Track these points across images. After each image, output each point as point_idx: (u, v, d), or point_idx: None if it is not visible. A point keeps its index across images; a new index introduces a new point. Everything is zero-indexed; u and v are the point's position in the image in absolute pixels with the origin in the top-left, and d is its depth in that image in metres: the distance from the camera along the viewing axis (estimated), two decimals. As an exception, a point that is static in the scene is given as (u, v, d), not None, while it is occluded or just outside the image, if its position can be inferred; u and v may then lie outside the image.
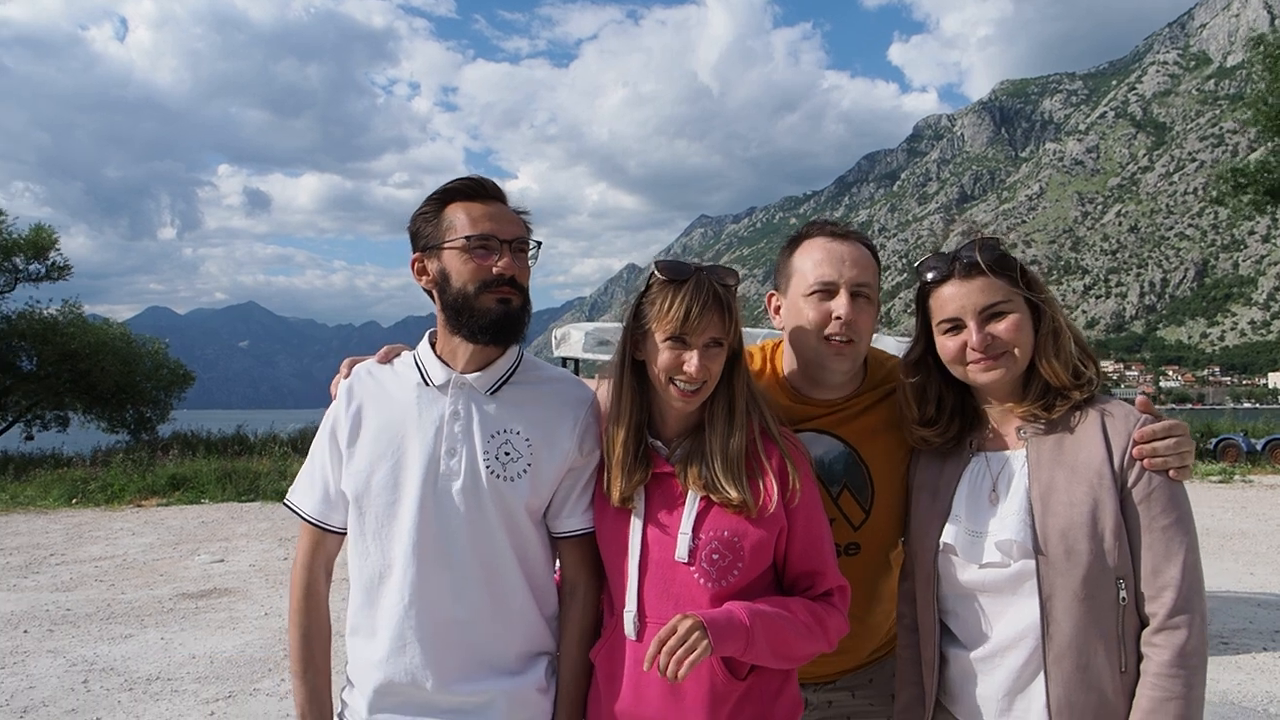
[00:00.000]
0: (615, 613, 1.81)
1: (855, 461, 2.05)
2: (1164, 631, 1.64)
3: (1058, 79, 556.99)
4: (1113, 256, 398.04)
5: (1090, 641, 1.67)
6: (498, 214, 1.79)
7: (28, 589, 8.80)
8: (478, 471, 1.78)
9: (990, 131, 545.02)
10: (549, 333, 9.23)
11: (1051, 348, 1.79)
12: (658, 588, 1.74)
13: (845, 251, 1.96)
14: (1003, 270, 1.79)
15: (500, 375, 1.85)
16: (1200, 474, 19.07)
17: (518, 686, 1.80)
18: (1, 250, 22.66)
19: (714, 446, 1.76)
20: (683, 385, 1.75)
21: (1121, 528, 1.67)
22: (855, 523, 2.06)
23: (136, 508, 15.20)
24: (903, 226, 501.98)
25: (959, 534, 1.83)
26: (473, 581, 1.77)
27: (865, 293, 1.96)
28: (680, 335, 1.73)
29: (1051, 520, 1.70)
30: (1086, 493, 1.69)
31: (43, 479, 16.75)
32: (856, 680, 2.17)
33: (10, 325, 23.12)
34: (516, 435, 1.82)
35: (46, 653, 6.60)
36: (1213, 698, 5.48)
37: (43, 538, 11.97)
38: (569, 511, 1.87)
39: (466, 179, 1.82)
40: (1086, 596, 1.67)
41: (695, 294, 1.73)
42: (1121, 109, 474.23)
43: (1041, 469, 1.75)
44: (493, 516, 1.78)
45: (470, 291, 1.76)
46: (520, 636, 1.83)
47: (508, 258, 1.76)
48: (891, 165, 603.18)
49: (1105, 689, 1.67)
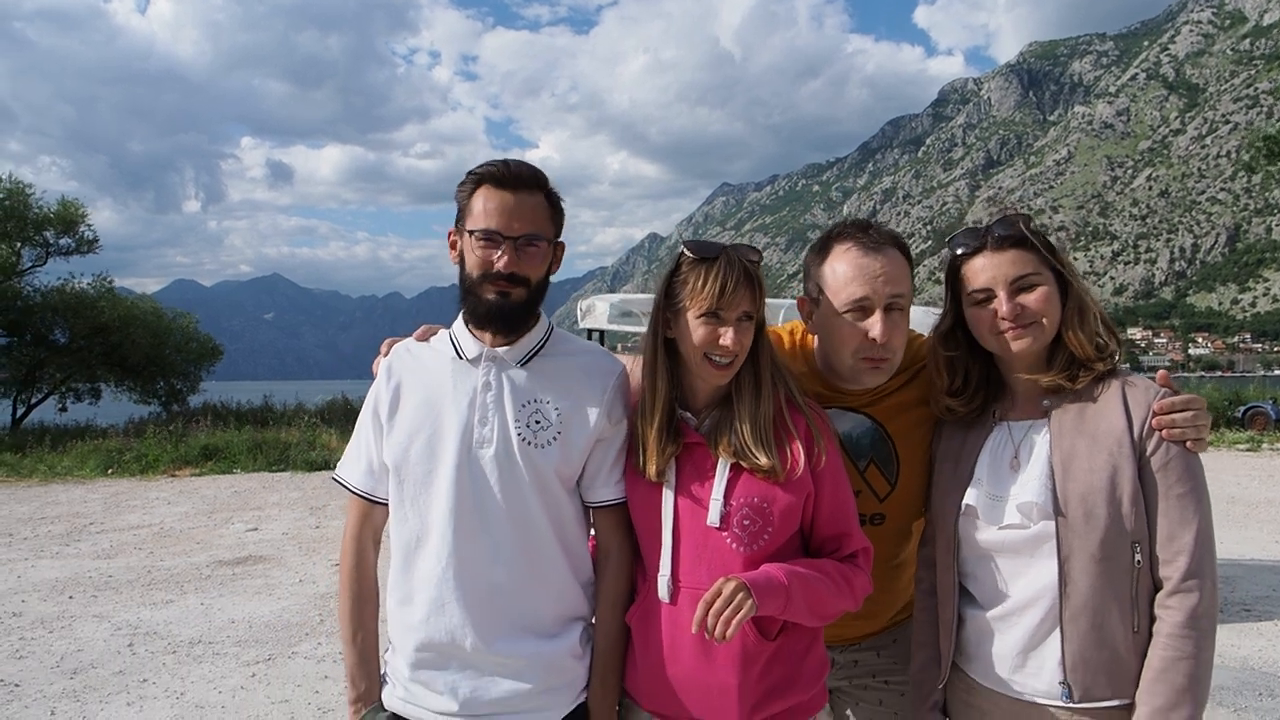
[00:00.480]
0: (648, 578, 1.89)
1: (882, 437, 2.12)
2: (1178, 594, 1.71)
3: (1087, 40, 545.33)
4: (1142, 222, 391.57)
5: (1105, 602, 1.75)
6: (513, 207, 1.82)
7: (70, 556, 9.07)
8: (509, 439, 1.86)
9: (1018, 95, 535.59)
10: (572, 302, 9.27)
11: (1077, 319, 1.86)
12: (692, 553, 1.82)
13: (878, 267, 1.94)
14: (1032, 243, 1.86)
15: (530, 348, 1.93)
16: (1228, 442, 18.94)
17: (554, 649, 1.88)
18: (33, 224, 22.97)
19: (742, 415, 1.83)
20: (718, 359, 1.82)
21: (1139, 494, 1.74)
22: (881, 495, 2.14)
23: (171, 477, 15.54)
24: (927, 193, 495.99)
25: (980, 497, 1.90)
26: (508, 545, 1.85)
27: (899, 304, 1.97)
28: (715, 310, 1.80)
29: (1072, 485, 1.77)
30: (1106, 460, 1.76)
31: (79, 450, 17.13)
32: (881, 641, 2.27)
33: (44, 299, 23.49)
34: (546, 404, 1.89)
35: (92, 617, 6.84)
36: (1233, 663, 5.54)
37: (82, 507, 12.30)
38: (603, 482, 1.94)
39: (499, 164, 1.86)
40: (1103, 558, 1.74)
41: (729, 271, 1.80)
42: (1153, 70, 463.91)
43: (1064, 437, 1.82)
44: (525, 482, 1.86)
45: (475, 279, 1.84)
46: (555, 600, 1.91)
47: (509, 255, 1.81)
48: (916, 131, 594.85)
49: (1118, 647, 1.75)
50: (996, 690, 1.89)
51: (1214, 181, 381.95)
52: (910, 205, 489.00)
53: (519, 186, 1.84)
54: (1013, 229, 1.86)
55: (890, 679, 2.25)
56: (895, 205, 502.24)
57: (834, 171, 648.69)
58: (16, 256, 22.87)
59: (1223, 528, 9.97)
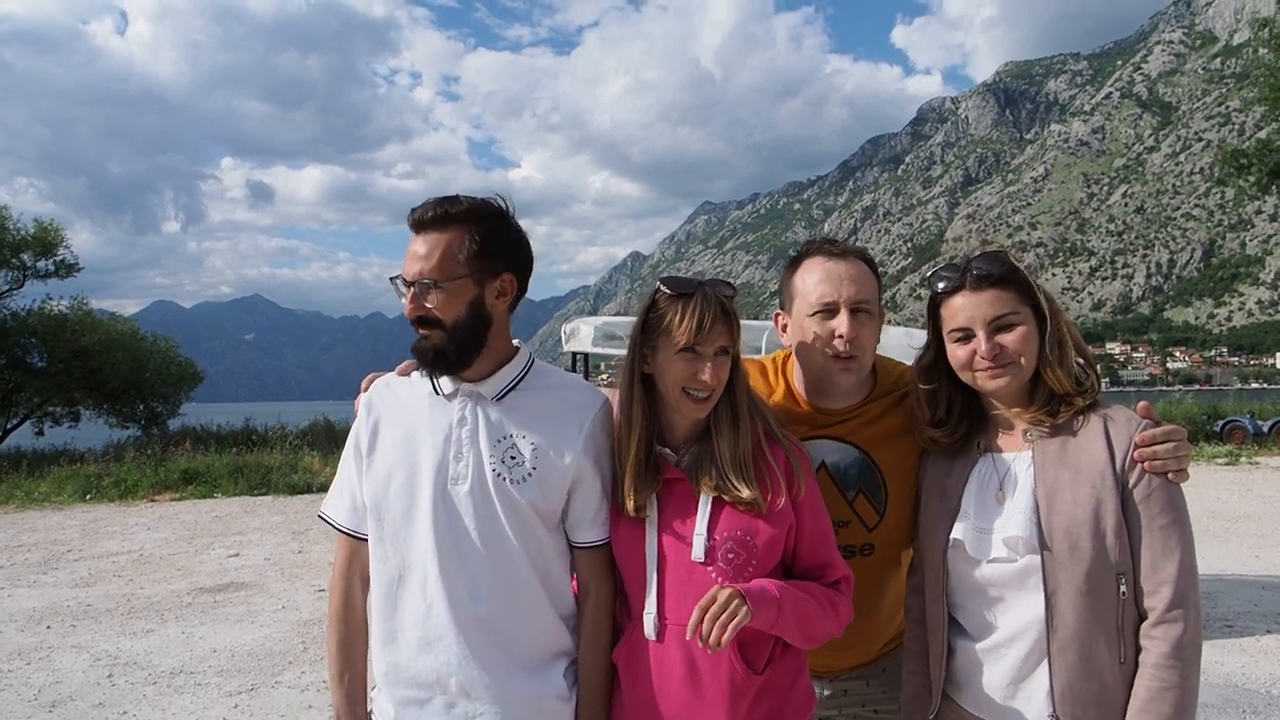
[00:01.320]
0: (633, 616, 1.89)
1: (869, 466, 2.14)
2: (1162, 625, 1.73)
3: (1062, 59, 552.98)
4: (1119, 238, 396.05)
5: (1092, 633, 1.77)
6: (415, 252, 1.83)
7: (48, 585, 8.93)
8: (484, 475, 1.85)
9: (995, 114, 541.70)
10: (556, 321, 9.28)
11: (1056, 356, 1.88)
12: (677, 589, 1.82)
13: (843, 270, 2.05)
14: (1012, 282, 1.88)
15: (507, 382, 1.92)
16: (1206, 456, 19.09)
17: (540, 688, 1.87)
18: (10, 247, 22.76)
19: (722, 449, 1.84)
20: (696, 394, 1.83)
21: (1122, 526, 1.77)
22: (870, 524, 2.16)
23: (150, 503, 15.35)
24: (907, 210, 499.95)
25: (968, 530, 1.92)
26: (488, 582, 1.84)
27: (865, 308, 2.05)
28: (693, 346, 1.81)
29: (1056, 518, 1.79)
30: (1090, 493, 1.78)
31: (56, 475, 16.87)
32: (870, 671, 2.28)
33: (20, 322, 23.25)
34: (522, 440, 1.88)
35: (70, 648, 6.73)
36: (1216, 680, 5.57)
37: (59, 534, 12.12)
38: (589, 523, 1.93)
39: (420, 206, 1.85)
40: (1089, 590, 1.76)
41: (705, 306, 1.82)
42: (1127, 89, 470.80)
43: (1047, 470, 1.85)
44: (501, 518, 1.85)
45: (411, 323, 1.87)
46: (539, 635, 1.90)
47: (411, 300, 1.83)
48: (895, 149, 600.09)
49: (1105, 678, 1.77)
50: None
51: (1188, 198, 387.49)
52: (890, 222, 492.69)
53: (423, 228, 1.84)
54: (993, 266, 1.87)
55: (880, 708, 2.26)
56: (876, 223, 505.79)
57: (815, 190, 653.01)
58: (-8, 280, 22.67)
59: (1203, 543, 10.04)
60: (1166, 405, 22.48)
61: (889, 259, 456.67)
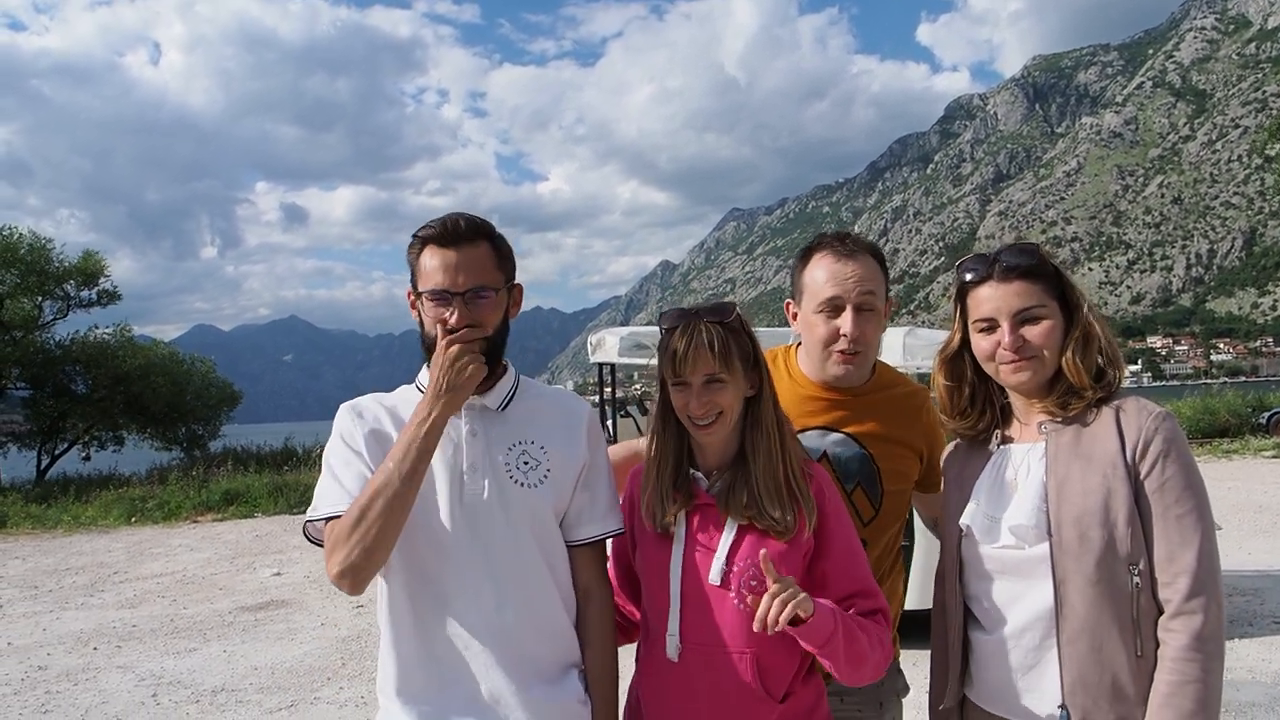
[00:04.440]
0: (653, 638, 1.90)
1: (868, 460, 2.20)
2: (1180, 617, 1.70)
3: (1092, 51, 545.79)
4: (1156, 229, 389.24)
5: (1103, 625, 1.74)
6: (456, 264, 1.83)
7: (95, 607, 9.12)
8: (502, 482, 1.87)
9: (1024, 108, 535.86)
10: (586, 334, 9.30)
11: (1080, 348, 1.86)
12: (697, 612, 1.84)
13: (850, 269, 2.11)
14: (1040, 275, 1.88)
15: (506, 393, 1.96)
16: (1253, 449, 18.67)
17: (562, 695, 1.88)
18: (53, 278, 23.32)
19: (757, 475, 1.85)
20: (695, 420, 1.86)
21: (1134, 516, 1.74)
22: (865, 519, 2.20)
23: (193, 524, 15.62)
24: (938, 209, 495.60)
25: (977, 516, 1.92)
26: (511, 590, 1.85)
27: (870, 304, 2.13)
28: (680, 378, 1.85)
29: (1065, 508, 1.78)
30: (1100, 482, 1.77)
31: (103, 499, 17.24)
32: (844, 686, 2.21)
33: (65, 351, 23.79)
34: (532, 444, 1.92)
35: (116, 668, 6.87)
36: (1265, 679, 5.45)
37: (105, 556, 12.37)
38: (588, 518, 1.96)
39: (438, 223, 1.87)
40: (1099, 581, 1.74)
41: (684, 337, 1.85)
42: (1160, 78, 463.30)
43: (1059, 461, 1.83)
44: (521, 525, 1.87)
45: (434, 336, 1.85)
46: (556, 644, 1.91)
47: (460, 310, 1.82)
48: (924, 148, 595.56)
49: (1119, 672, 1.74)
50: (1000, 715, 1.90)
51: (1227, 186, 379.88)
52: (921, 222, 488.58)
53: (459, 242, 1.85)
54: (1021, 259, 1.87)
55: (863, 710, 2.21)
56: (906, 223, 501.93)
57: (843, 192, 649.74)
58: (38, 310, 23.21)
59: (1251, 537, 9.82)
60: (1209, 398, 22.05)
61: (920, 259, 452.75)
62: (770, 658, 1.82)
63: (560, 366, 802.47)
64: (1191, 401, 21.77)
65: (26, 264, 22.51)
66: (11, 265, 22.33)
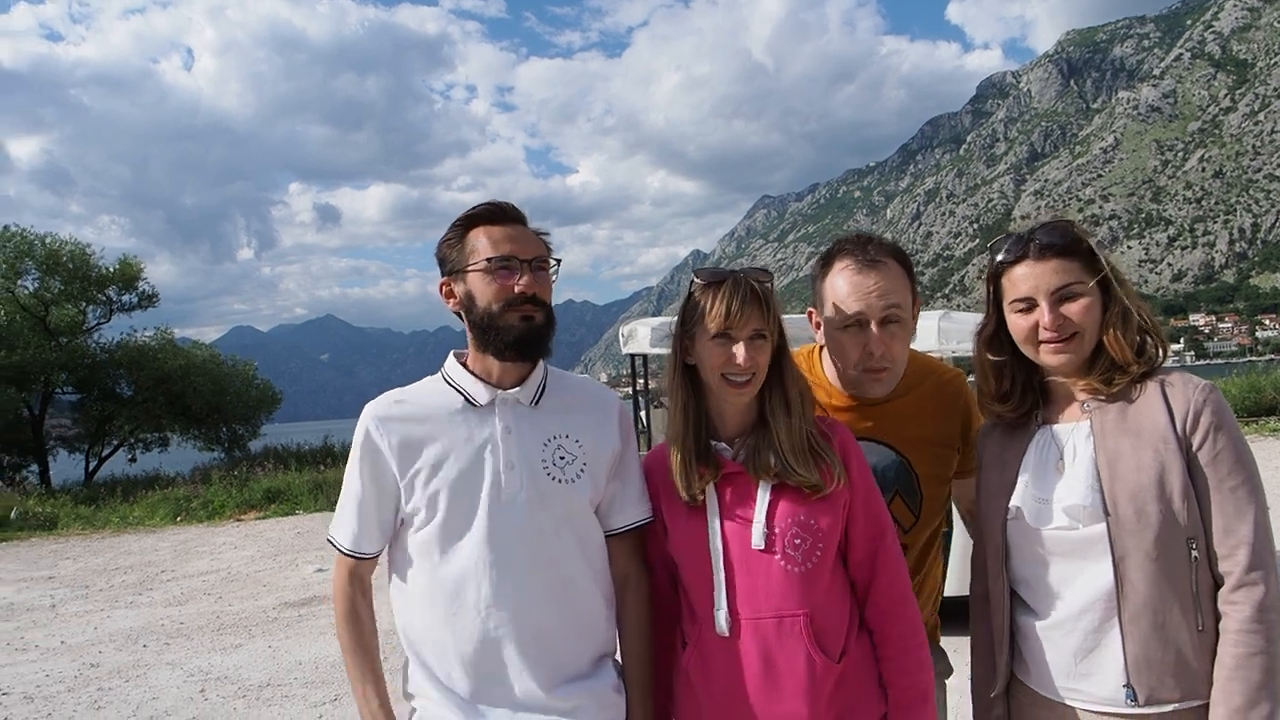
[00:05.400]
0: (698, 617, 1.87)
1: (906, 469, 2.15)
2: (1242, 589, 1.68)
3: (1127, 23, 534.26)
4: (1198, 204, 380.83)
5: (1165, 601, 1.72)
6: (518, 235, 1.88)
7: (143, 605, 9.32)
8: (539, 480, 1.86)
9: (1059, 85, 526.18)
10: (618, 326, 9.30)
11: (1120, 324, 1.83)
12: (746, 582, 1.82)
13: (872, 283, 2.03)
14: (1076, 253, 1.84)
15: (538, 385, 1.95)
16: (1303, 427, 18.20)
17: (598, 688, 1.88)
18: (95, 283, 23.80)
19: (780, 435, 1.85)
20: (735, 378, 1.85)
21: (1189, 489, 1.72)
22: (906, 526, 2.17)
23: (236, 522, 15.90)
24: (971, 190, 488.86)
25: (1026, 499, 1.88)
26: (549, 589, 1.85)
27: (895, 315, 2.05)
28: (726, 331, 1.83)
29: (1120, 485, 1.75)
30: (1153, 457, 1.74)
31: (149, 499, 17.64)
32: None
33: (109, 354, 24.29)
34: (567, 438, 1.91)
35: (165, 665, 7.01)
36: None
37: (153, 555, 12.64)
38: (620, 506, 1.97)
39: (488, 204, 1.92)
40: (1159, 556, 1.72)
41: (735, 291, 1.84)
42: (1199, 49, 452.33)
43: (1107, 437, 1.80)
44: (560, 522, 1.87)
45: (495, 310, 1.85)
46: (593, 638, 1.92)
47: (529, 276, 1.85)
48: (956, 129, 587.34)
49: (1182, 647, 1.72)
50: (1057, 699, 1.86)
51: (1270, 158, 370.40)
52: (955, 204, 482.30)
53: (514, 219, 1.91)
54: (1056, 237, 1.84)
55: None
56: (939, 205, 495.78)
57: (875, 176, 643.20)
58: (82, 315, 23.71)
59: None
60: (1255, 376, 21.55)
61: (955, 241, 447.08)
62: (824, 618, 1.81)
63: (593, 359, 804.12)
64: (1237, 380, 21.26)
65: (69, 271, 22.99)
66: (55, 272, 22.82)
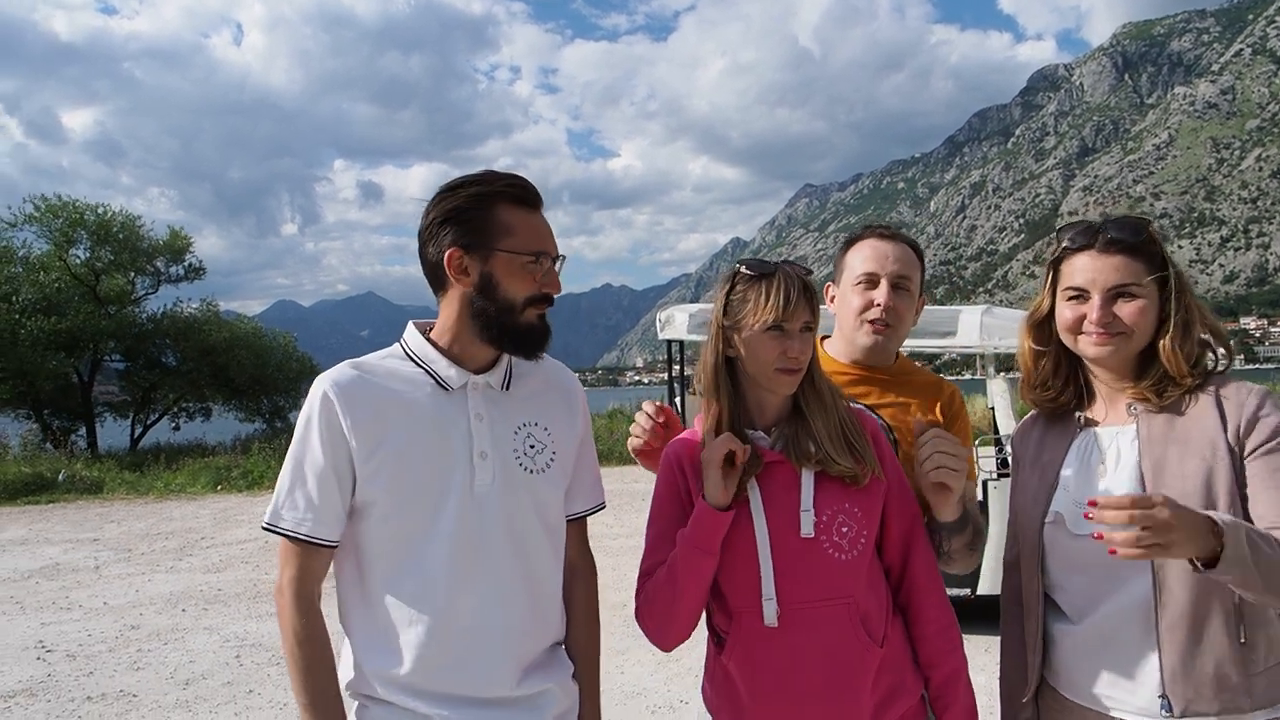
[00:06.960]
0: (743, 610, 1.83)
1: (887, 432, 2.18)
2: None
3: (1186, 17, 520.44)
4: (1253, 205, 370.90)
5: (1205, 611, 1.67)
6: (547, 229, 1.78)
7: (183, 570, 9.54)
8: (511, 469, 1.78)
9: (1112, 79, 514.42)
10: (656, 311, 9.31)
11: (1180, 334, 1.77)
12: (793, 571, 1.80)
13: (889, 249, 2.23)
14: (1143, 252, 1.78)
15: (506, 369, 1.85)
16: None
17: (559, 675, 1.84)
18: (144, 254, 24.25)
19: (818, 424, 1.84)
20: (788, 368, 1.83)
21: (1235, 497, 1.67)
22: None
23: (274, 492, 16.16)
24: (1018, 185, 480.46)
25: (1067, 503, 1.84)
26: (519, 582, 1.78)
27: (905, 285, 2.22)
28: (779, 323, 1.80)
29: (1163, 492, 1.69)
30: (1199, 465, 1.69)
31: (191, 467, 17.98)
32: None
33: (156, 325, 24.78)
34: (536, 426, 1.84)
35: (202, 630, 7.18)
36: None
37: (194, 522, 12.91)
38: (577, 493, 1.93)
39: (517, 180, 1.74)
40: None
41: (789, 284, 1.82)
42: (1260, 44, 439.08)
43: (1153, 445, 1.76)
44: (530, 511, 1.80)
45: (518, 305, 1.73)
46: (552, 625, 1.87)
47: (555, 276, 1.78)
48: (1005, 121, 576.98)
49: (1222, 660, 1.67)
50: (1090, 708, 1.82)
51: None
52: (1000, 198, 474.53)
53: (540, 205, 1.79)
54: (1127, 233, 1.78)
55: None
56: (985, 199, 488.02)
57: (919, 167, 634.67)
58: (131, 285, 24.19)
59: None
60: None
61: (999, 236, 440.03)
62: (866, 601, 1.80)
63: (630, 343, 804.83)
64: (1288, 385, 20.87)
65: (119, 241, 23.45)
66: (106, 242, 23.29)
